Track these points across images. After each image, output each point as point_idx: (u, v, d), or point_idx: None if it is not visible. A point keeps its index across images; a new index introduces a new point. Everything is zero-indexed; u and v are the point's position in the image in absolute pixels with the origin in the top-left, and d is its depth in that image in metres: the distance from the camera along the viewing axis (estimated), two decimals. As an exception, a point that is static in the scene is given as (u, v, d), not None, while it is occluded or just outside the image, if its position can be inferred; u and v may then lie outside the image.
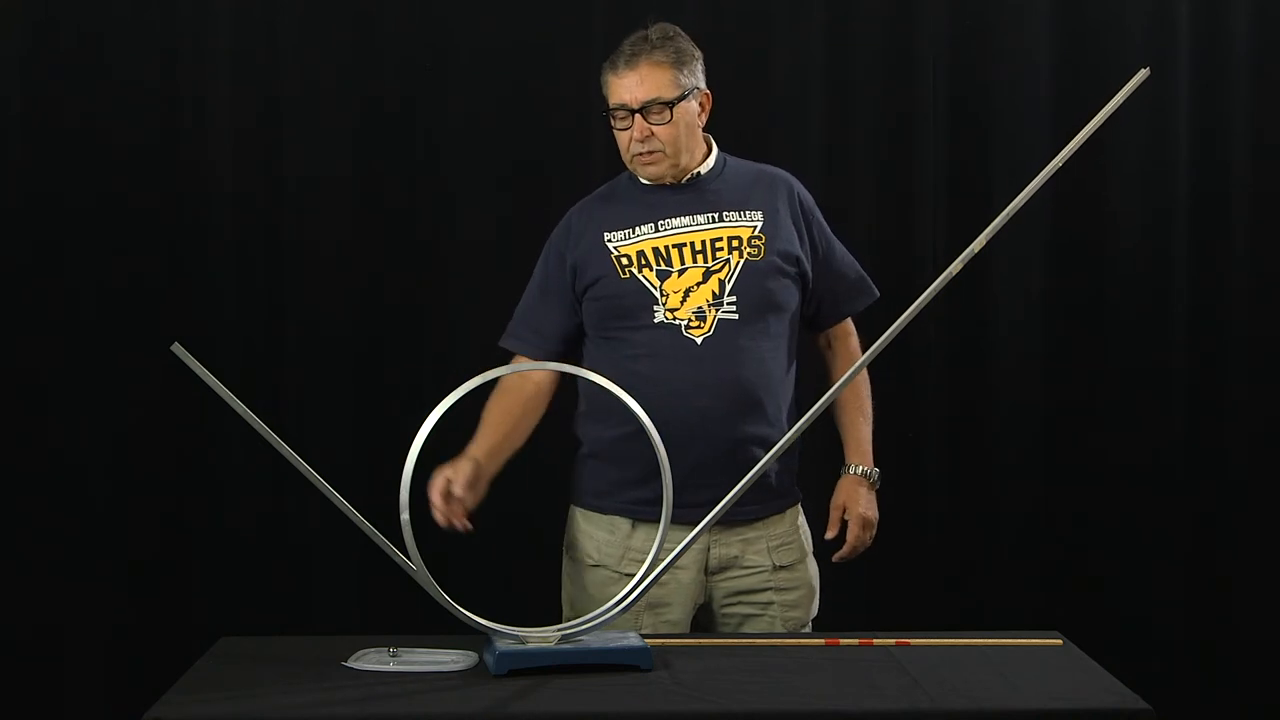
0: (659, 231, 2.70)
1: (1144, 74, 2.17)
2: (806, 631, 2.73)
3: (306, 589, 3.63)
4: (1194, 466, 3.76)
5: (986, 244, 2.21)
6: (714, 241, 2.69)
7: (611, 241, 2.71)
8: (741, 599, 2.72)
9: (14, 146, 3.58)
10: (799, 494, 2.80)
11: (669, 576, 2.59)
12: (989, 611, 3.68)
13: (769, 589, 2.72)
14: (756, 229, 2.70)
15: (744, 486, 2.30)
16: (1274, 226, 3.75)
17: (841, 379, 2.43)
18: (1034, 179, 2.20)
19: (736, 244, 2.69)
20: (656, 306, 2.66)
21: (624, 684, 2.14)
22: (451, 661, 2.23)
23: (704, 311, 2.66)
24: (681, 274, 2.67)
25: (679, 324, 2.65)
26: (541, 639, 2.22)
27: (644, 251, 2.69)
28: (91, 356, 3.58)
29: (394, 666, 2.21)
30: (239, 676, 2.18)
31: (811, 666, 2.25)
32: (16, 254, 3.58)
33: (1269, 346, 3.75)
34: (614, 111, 2.69)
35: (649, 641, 2.29)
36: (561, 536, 2.82)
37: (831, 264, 2.80)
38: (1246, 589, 3.76)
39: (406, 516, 2.17)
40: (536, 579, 2.96)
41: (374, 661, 2.23)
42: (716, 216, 2.71)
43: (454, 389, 2.19)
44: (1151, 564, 3.75)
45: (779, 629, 2.70)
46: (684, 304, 2.66)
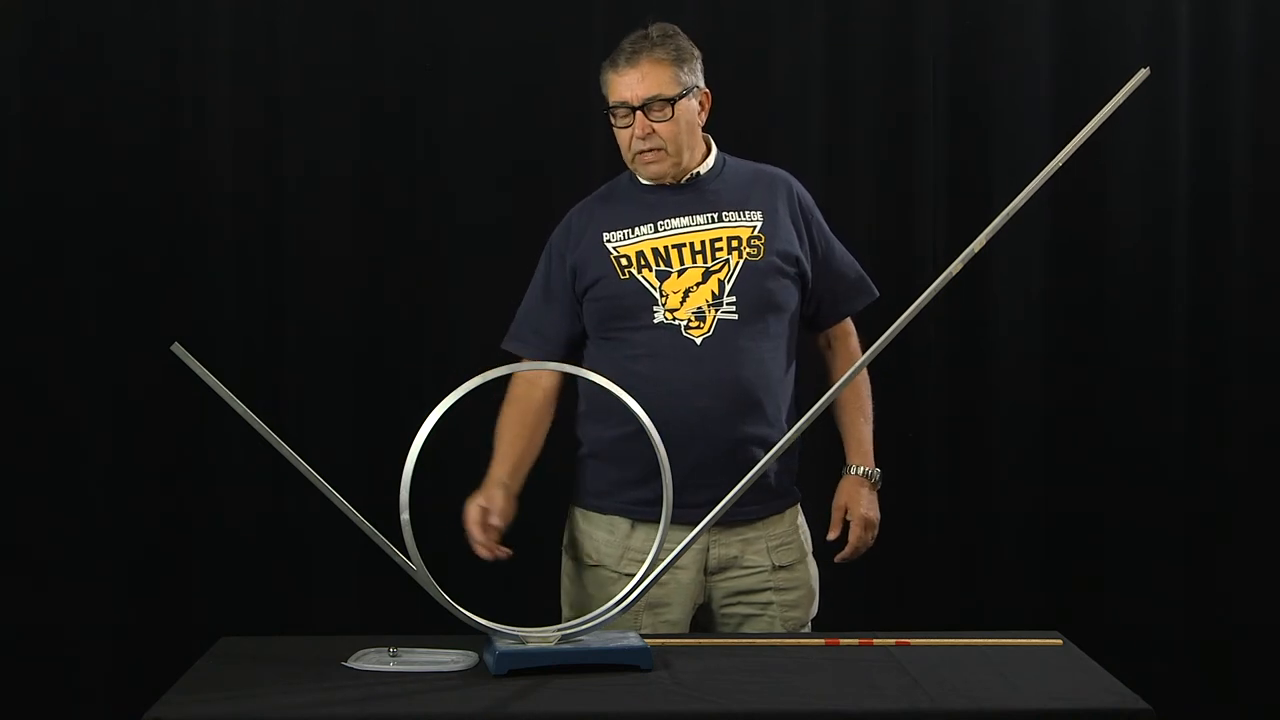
0: (658, 232, 2.70)
1: (1144, 74, 2.17)
2: (806, 631, 2.73)
3: (306, 589, 3.63)
4: (1194, 466, 3.76)
5: (986, 244, 2.21)
6: (713, 242, 2.69)
7: (611, 242, 2.71)
8: (741, 599, 2.72)
9: (14, 146, 3.58)
10: (798, 494, 2.80)
11: (669, 576, 2.59)
12: (989, 611, 3.68)
13: (768, 589, 2.71)
14: (756, 229, 2.70)
15: (744, 486, 2.30)
16: (1274, 226, 3.75)
17: (841, 379, 2.43)
18: (1034, 179, 2.19)
19: (736, 244, 2.69)
20: (656, 307, 2.66)
21: (624, 684, 2.14)
22: (451, 661, 2.23)
23: (703, 312, 2.65)
24: (681, 274, 2.67)
25: (678, 324, 2.65)
26: (541, 639, 2.22)
27: (643, 252, 2.69)
28: (91, 356, 3.58)
29: (394, 666, 2.21)
30: (239, 676, 2.18)
31: (811, 666, 2.24)
32: (16, 254, 3.58)
33: (1269, 346, 3.75)
34: (614, 110, 2.68)
35: (649, 641, 2.29)
36: (561, 536, 2.81)
37: (831, 264, 2.80)
38: (1246, 589, 3.76)
39: (406, 516, 2.17)
40: (536, 579, 2.96)
41: (374, 661, 2.23)
42: (716, 217, 2.71)
43: (454, 389, 2.19)
44: (1151, 564, 3.75)
45: (778, 629, 2.70)
46: (684, 304, 2.66)
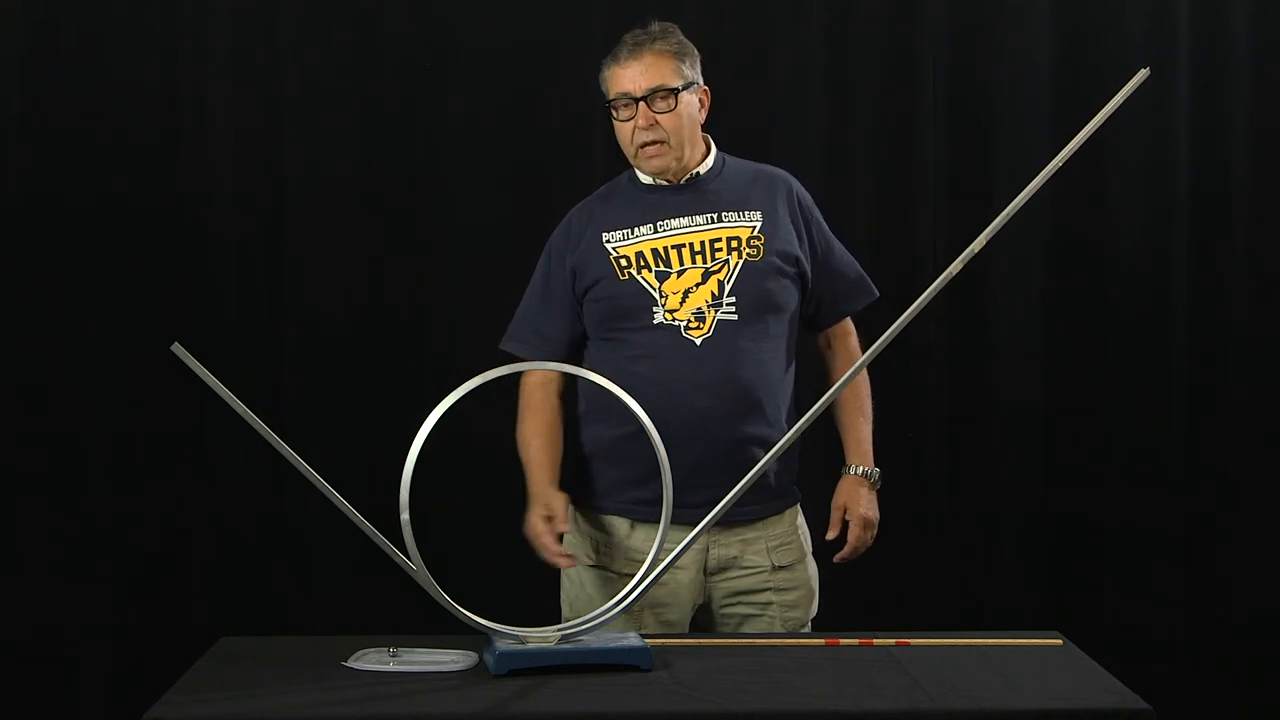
0: (658, 232, 2.70)
1: (1144, 74, 2.17)
2: (806, 631, 2.73)
3: (306, 589, 3.63)
4: (1194, 466, 3.76)
5: (986, 244, 2.21)
6: (713, 242, 2.68)
7: (610, 242, 2.70)
8: (741, 599, 2.72)
9: (14, 146, 3.58)
10: (798, 494, 2.79)
11: (669, 576, 2.59)
12: (989, 611, 3.69)
13: (768, 589, 2.71)
14: (755, 229, 2.70)
15: (744, 487, 2.30)
16: (1274, 226, 3.75)
17: (841, 379, 2.43)
18: (1034, 179, 2.20)
19: (735, 244, 2.68)
20: (656, 307, 2.66)
21: (624, 684, 2.14)
22: (451, 661, 2.23)
23: (703, 312, 2.65)
24: (680, 275, 2.67)
25: (678, 325, 2.65)
26: (541, 639, 2.22)
27: (643, 252, 2.69)
28: (91, 356, 3.58)
29: (394, 666, 2.21)
30: (239, 676, 2.18)
31: (811, 666, 2.24)
32: (16, 254, 3.58)
33: (1269, 346, 3.76)
34: (616, 103, 2.68)
35: (649, 641, 2.29)
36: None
37: (831, 263, 2.79)
38: (1246, 589, 3.76)
39: (406, 516, 2.17)
40: (536, 579, 2.96)
41: (374, 661, 2.23)
42: (715, 217, 2.71)
43: (454, 389, 2.19)
44: (1151, 564, 3.75)
45: (778, 629, 2.70)
46: (683, 305, 2.66)
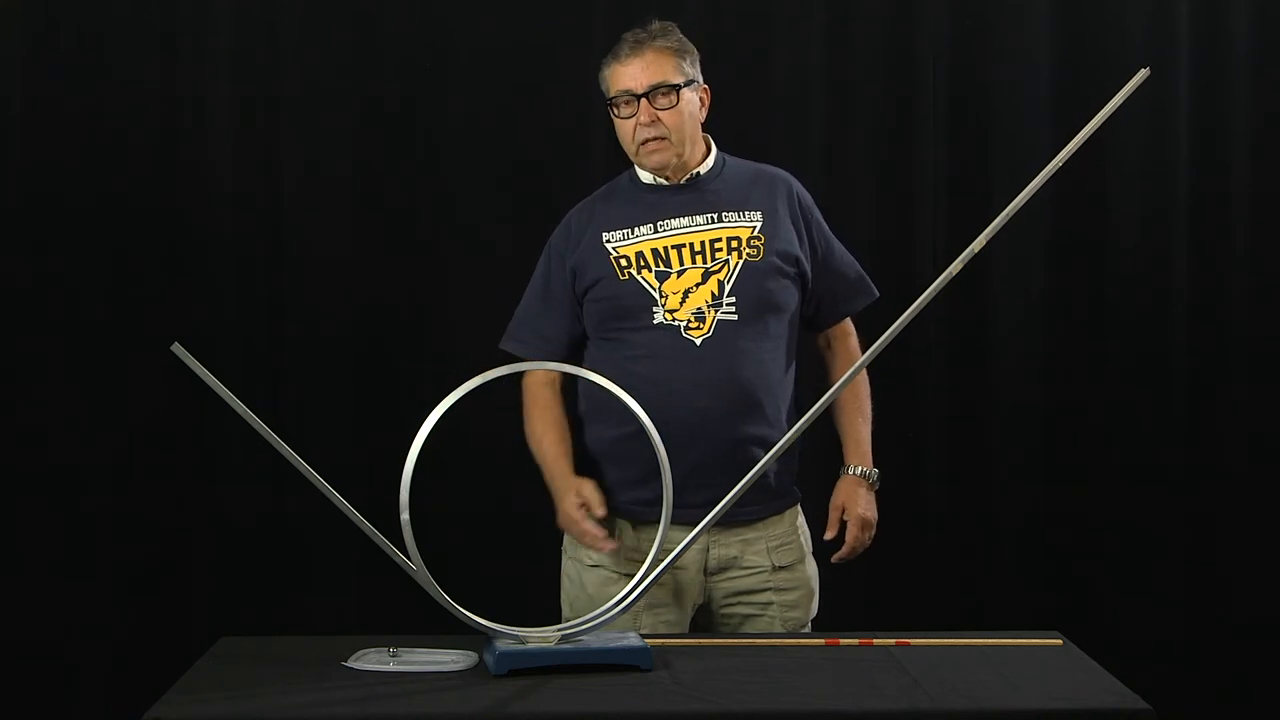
0: (658, 232, 2.70)
1: (1144, 74, 2.17)
2: (806, 631, 2.73)
3: (306, 589, 3.63)
4: (1194, 466, 3.76)
5: (986, 244, 2.21)
6: (713, 242, 2.68)
7: (610, 242, 2.70)
8: (741, 599, 2.72)
9: (14, 146, 3.58)
10: (798, 494, 2.79)
11: (669, 576, 2.59)
12: (989, 611, 3.68)
13: (768, 589, 2.71)
14: (756, 229, 2.70)
15: (744, 487, 2.30)
16: (1274, 226, 3.75)
17: (841, 379, 2.43)
18: (1034, 179, 2.19)
19: (736, 244, 2.68)
20: (656, 307, 2.66)
21: (624, 684, 2.14)
22: (451, 661, 2.23)
23: (703, 312, 2.65)
24: (680, 275, 2.67)
25: (678, 325, 2.65)
26: (541, 639, 2.22)
27: (643, 253, 2.69)
28: (91, 356, 3.58)
29: (394, 666, 2.20)
30: (239, 676, 2.18)
31: (811, 666, 2.24)
32: (16, 254, 3.58)
33: (1269, 346, 3.75)
34: (617, 100, 2.68)
35: (649, 641, 2.29)
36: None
37: (831, 264, 2.79)
38: (1246, 589, 3.76)
39: (406, 516, 2.17)
40: (536, 579, 2.96)
41: (374, 661, 2.23)
42: (716, 217, 2.71)
43: (454, 389, 2.19)
44: (1151, 564, 3.75)
45: (779, 629, 2.70)
46: (683, 305, 2.66)
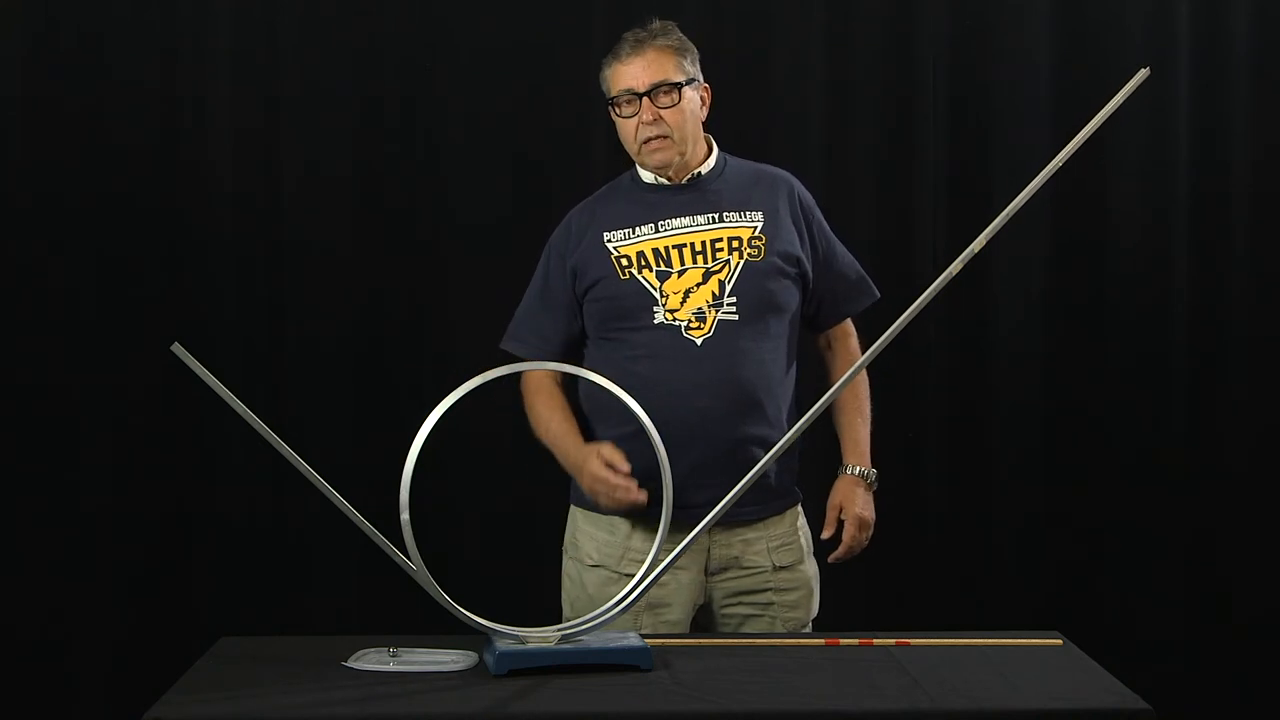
0: (659, 232, 2.70)
1: (1144, 74, 2.17)
2: (806, 631, 2.73)
3: (306, 589, 3.63)
4: (1194, 466, 3.76)
5: (986, 244, 2.21)
6: (714, 242, 2.68)
7: (611, 242, 2.70)
8: (742, 599, 2.71)
9: (14, 146, 3.58)
10: (799, 494, 2.79)
11: (669, 577, 2.59)
12: (989, 611, 3.68)
13: (769, 589, 2.71)
14: (757, 229, 2.70)
15: (744, 487, 2.30)
16: (1274, 226, 3.75)
17: (841, 380, 2.43)
18: (1034, 179, 2.19)
19: (737, 244, 2.68)
20: (656, 307, 2.66)
21: (624, 684, 2.14)
22: (451, 661, 2.23)
23: (704, 312, 2.65)
24: (681, 275, 2.67)
25: (679, 325, 2.65)
26: (541, 639, 2.22)
27: (644, 252, 2.69)
28: (91, 356, 3.58)
29: (394, 666, 2.20)
30: (239, 676, 2.18)
31: (811, 666, 2.24)
32: (17, 254, 3.58)
33: (1269, 346, 3.76)
34: (618, 99, 2.68)
35: (649, 641, 2.29)
36: (561, 536, 2.81)
37: (832, 264, 2.79)
38: (1246, 589, 3.76)
39: (406, 516, 2.17)
40: (536, 579, 2.96)
41: (374, 661, 2.23)
42: (717, 217, 2.71)
43: (454, 389, 2.19)
44: (1151, 564, 3.75)
45: (779, 629, 2.70)
46: (684, 305, 2.65)
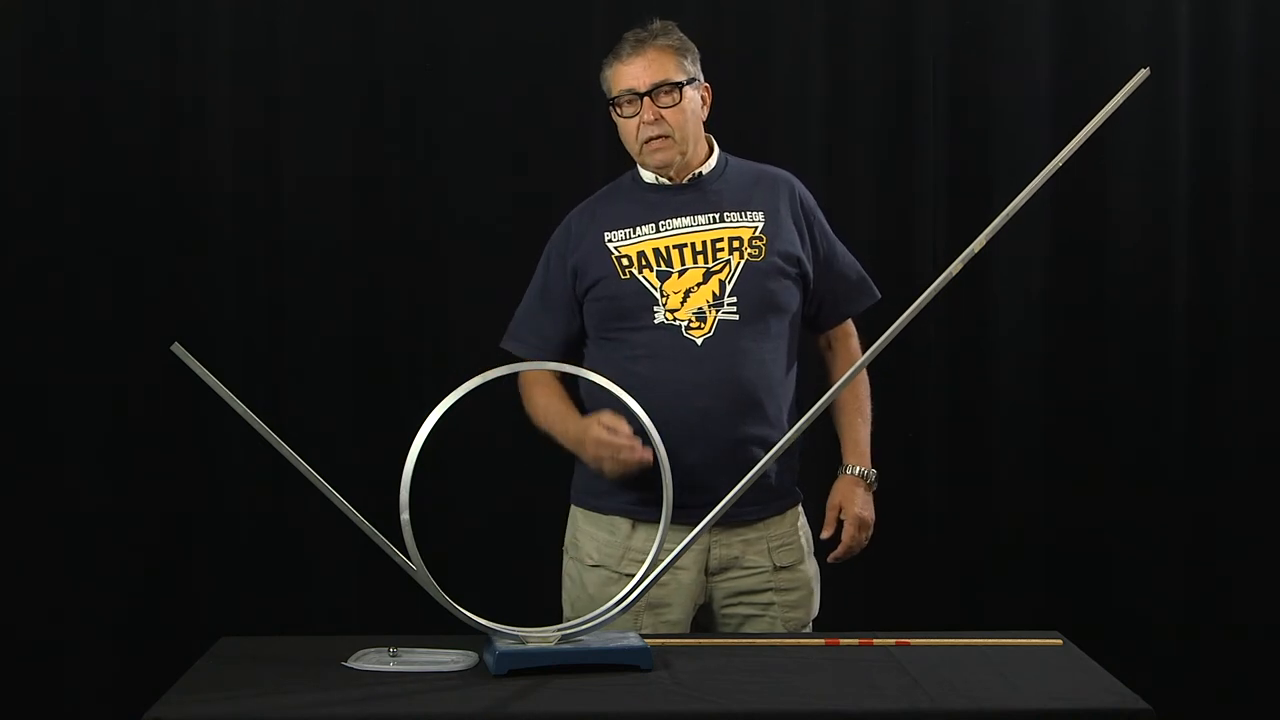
0: (660, 232, 2.70)
1: (1144, 74, 2.17)
2: (806, 631, 2.73)
3: (306, 589, 3.63)
4: (1194, 466, 3.76)
5: (986, 244, 2.21)
6: (714, 242, 2.68)
7: (612, 242, 2.70)
8: (742, 599, 2.71)
9: (14, 146, 3.58)
10: (799, 495, 2.79)
11: (669, 577, 2.59)
12: (989, 611, 3.68)
13: (769, 589, 2.71)
14: (758, 229, 2.70)
15: (744, 487, 2.30)
16: (1274, 226, 3.75)
17: (841, 380, 2.43)
18: (1034, 179, 2.20)
19: (737, 245, 2.68)
20: (657, 307, 2.66)
21: (624, 684, 2.14)
22: (451, 661, 2.23)
23: (704, 312, 2.65)
24: (682, 275, 2.67)
25: (679, 325, 2.65)
26: (541, 639, 2.22)
27: (644, 252, 2.69)
28: (91, 356, 3.58)
29: (394, 666, 2.20)
30: (239, 676, 2.18)
31: (811, 666, 2.24)
32: (17, 254, 3.58)
33: (1269, 346, 3.75)
34: (619, 99, 2.68)
35: (649, 641, 2.29)
36: (561, 536, 2.81)
37: (833, 265, 2.79)
38: (1246, 589, 3.76)
39: (406, 516, 2.17)
40: (536, 579, 2.96)
41: (374, 661, 2.23)
42: (718, 217, 2.71)
43: (454, 389, 2.19)
44: (1151, 564, 3.75)
45: (779, 629, 2.70)
46: (684, 305, 2.65)
